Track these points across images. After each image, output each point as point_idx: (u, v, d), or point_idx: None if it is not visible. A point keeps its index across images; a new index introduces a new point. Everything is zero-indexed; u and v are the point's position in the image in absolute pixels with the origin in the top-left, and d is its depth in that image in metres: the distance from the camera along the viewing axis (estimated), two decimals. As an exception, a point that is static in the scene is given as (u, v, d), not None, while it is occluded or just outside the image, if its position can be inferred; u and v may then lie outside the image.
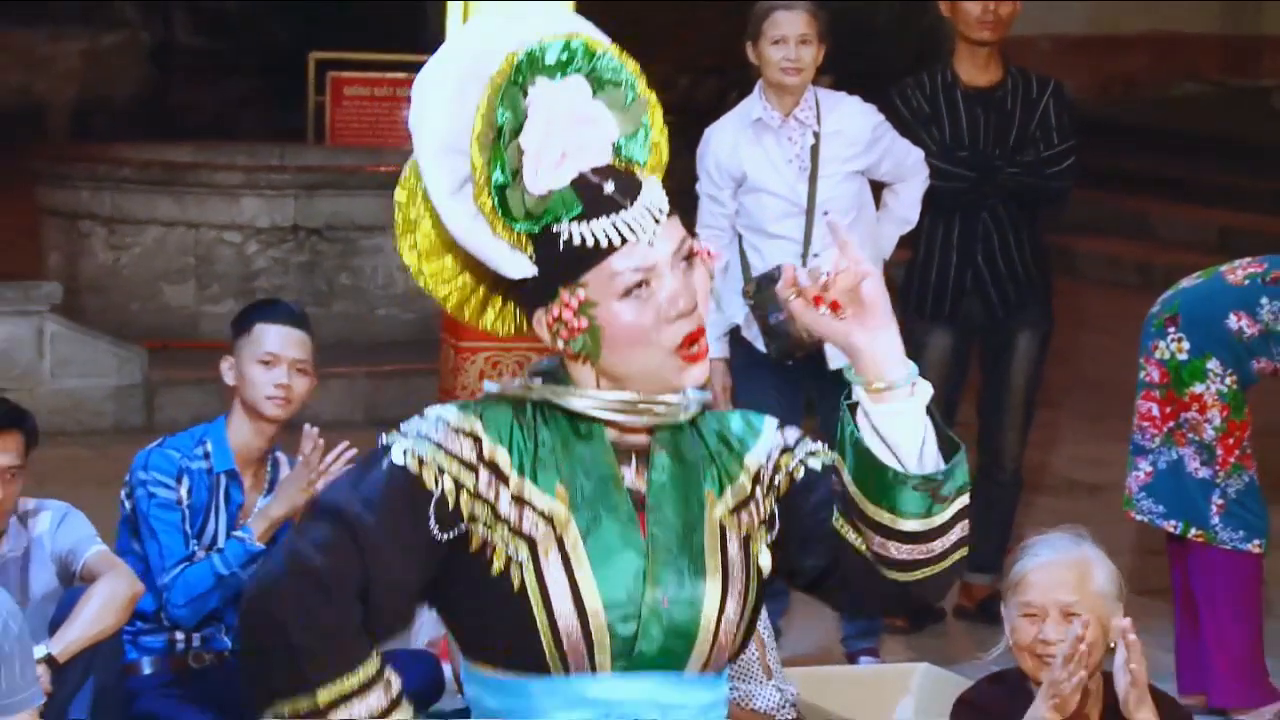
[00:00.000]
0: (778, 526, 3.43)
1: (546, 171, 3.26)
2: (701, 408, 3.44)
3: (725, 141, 8.30)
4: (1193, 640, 7.87)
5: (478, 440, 3.33)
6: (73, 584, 7.01)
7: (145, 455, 7.32)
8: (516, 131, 3.28)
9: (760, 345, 8.19)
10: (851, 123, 8.22)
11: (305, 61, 15.57)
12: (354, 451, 7.14)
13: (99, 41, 21.70)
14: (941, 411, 9.22)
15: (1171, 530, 7.85)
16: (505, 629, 3.28)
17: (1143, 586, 7.18)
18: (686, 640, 3.28)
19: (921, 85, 8.67)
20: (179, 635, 7.33)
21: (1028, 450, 9.19)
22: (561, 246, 3.31)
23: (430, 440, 3.32)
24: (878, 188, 8.48)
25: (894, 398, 3.40)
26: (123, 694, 7.05)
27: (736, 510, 3.38)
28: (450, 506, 3.30)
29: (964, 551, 3.48)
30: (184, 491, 7.24)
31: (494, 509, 3.29)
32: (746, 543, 3.36)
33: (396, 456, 3.32)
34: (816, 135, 8.19)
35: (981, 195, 8.50)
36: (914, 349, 8.73)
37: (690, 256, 3.34)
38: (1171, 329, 7.94)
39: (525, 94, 3.28)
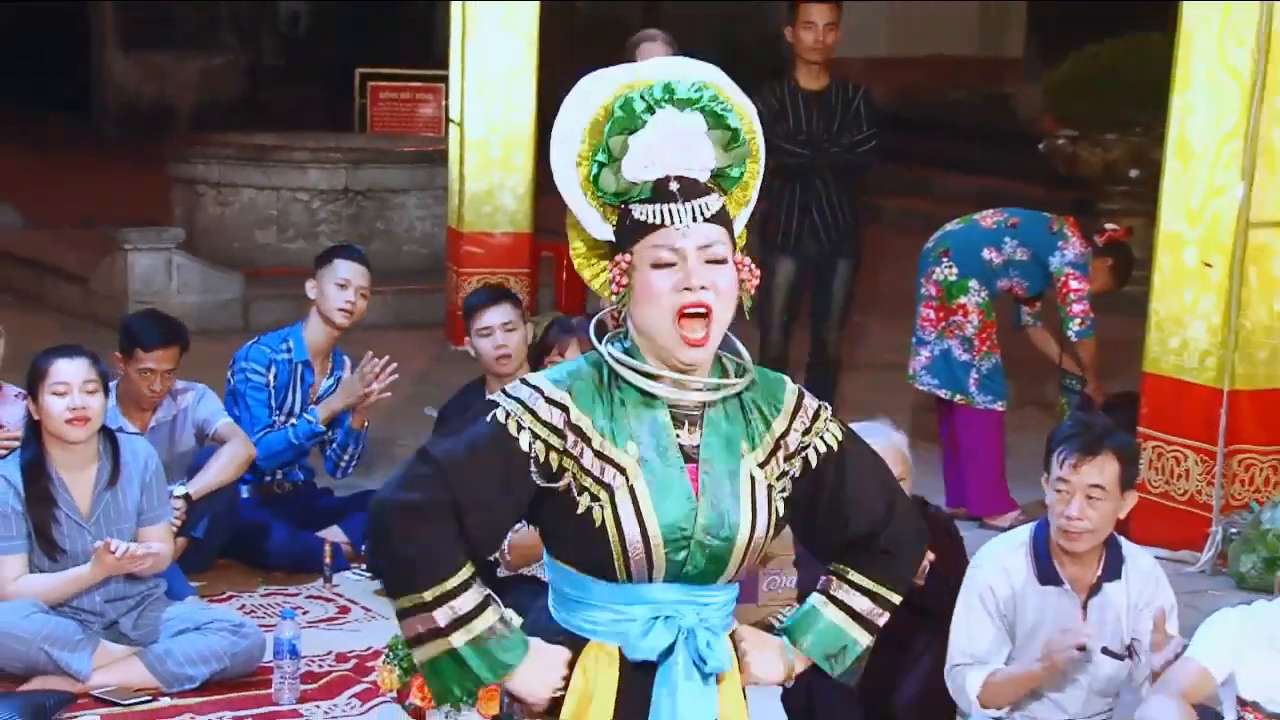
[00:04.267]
0: (797, 490, 3.25)
1: (640, 168, 3.11)
2: (741, 388, 3.23)
3: None
4: (955, 471, 7.94)
5: (566, 409, 3.12)
6: (205, 443, 7.05)
7: (247, 348, 7.40)
8: (630, 130, 3.11)
9: None
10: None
11: (353, 74, 15.48)
12: (394, 365, 7.37)
13: (210, 62, 21.52)
14: (788, 315, 9.24)
15: (943, 396, 7.94)
16: (585, 549, 3.12)
17: (919, 435, 7.18)
18: (720, 563, 3.15)
19: (773, 90, 8.58)
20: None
21: (844, 343, 9.18)
22: (628, 220, 3.13)
23: (526, 407, 3.12)
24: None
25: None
26: (231, 517, 7.05)
27: (764, 464, 3.19)
28: (541, 461, 3.11)
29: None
30: (270, 376, 7.34)
31: (579, 463, 3.10)
32: (769, 490, 3.19)
33: (499, 416, 3.12)
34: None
35: (814, 167, 8.46)
36: (768, 273, 8.74)
37: (721, 262, 3.13)
38: (945, 259, 8.04)
39: (652, 110, 3.10)
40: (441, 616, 3.11)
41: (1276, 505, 6.64)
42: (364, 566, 7.06)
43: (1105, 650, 4.98)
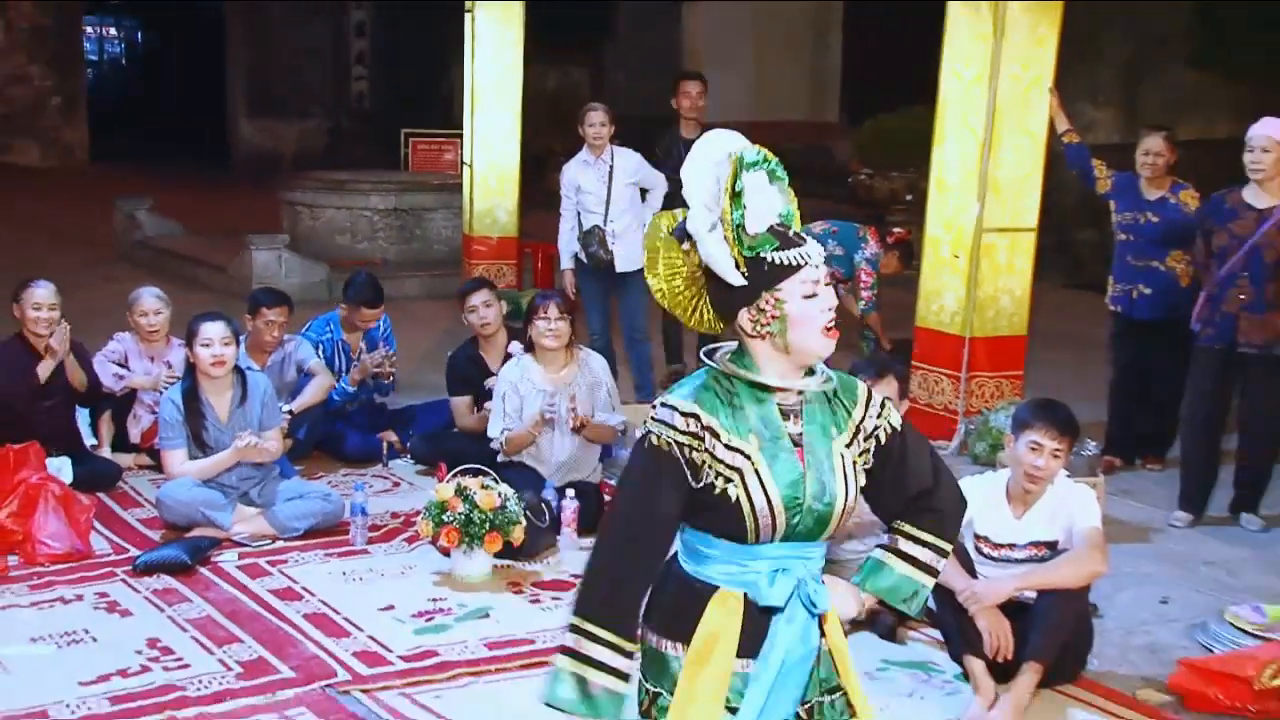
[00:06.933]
0: (873, 463, 2.81)
1: (756, 221, 2.68)
2: (828, 384, 2.79)
3: (572, 170, 8.09)
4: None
5: (697, 417, 2.66)
6: (301, 375, 7.08)
7: (301, 335, 7.30)
8: (740, 195, 2.70)
9: (585, 261, 8.04)
10: (628, 160, 8.08)
11: (399, 133, 15.43)
12: (387, 352, 7.30)
13: (306, 125, 21.40)
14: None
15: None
16: (723, 520, 2.70)
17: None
18: (823, 524, 2.74)
19: (663, 141, 8.50)
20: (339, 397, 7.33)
21: None
22: (766, 266, 2.66)
23: (668, 425, 2.67)
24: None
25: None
26: (320, 426, 7.09)
27: (849, 445, 2.80)
28: (689, 463, 2.66)
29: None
30: (319, 352, 7.26)
31: (713, 455, 2.66)
32: (854, 465, 2.80)
33: (650, 441, 2.68)
34: (611, 167, 8.01)
35: None
36: None
37: (829, 284, 2.77)
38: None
39: (740, 176, 2.71)
40: (586, 647, 2.68)
41: (998, 411, 6.72)
42: (409, 457, 7.09)
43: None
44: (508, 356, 6.61)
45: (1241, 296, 6.21)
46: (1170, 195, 6.98)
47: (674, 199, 8.43)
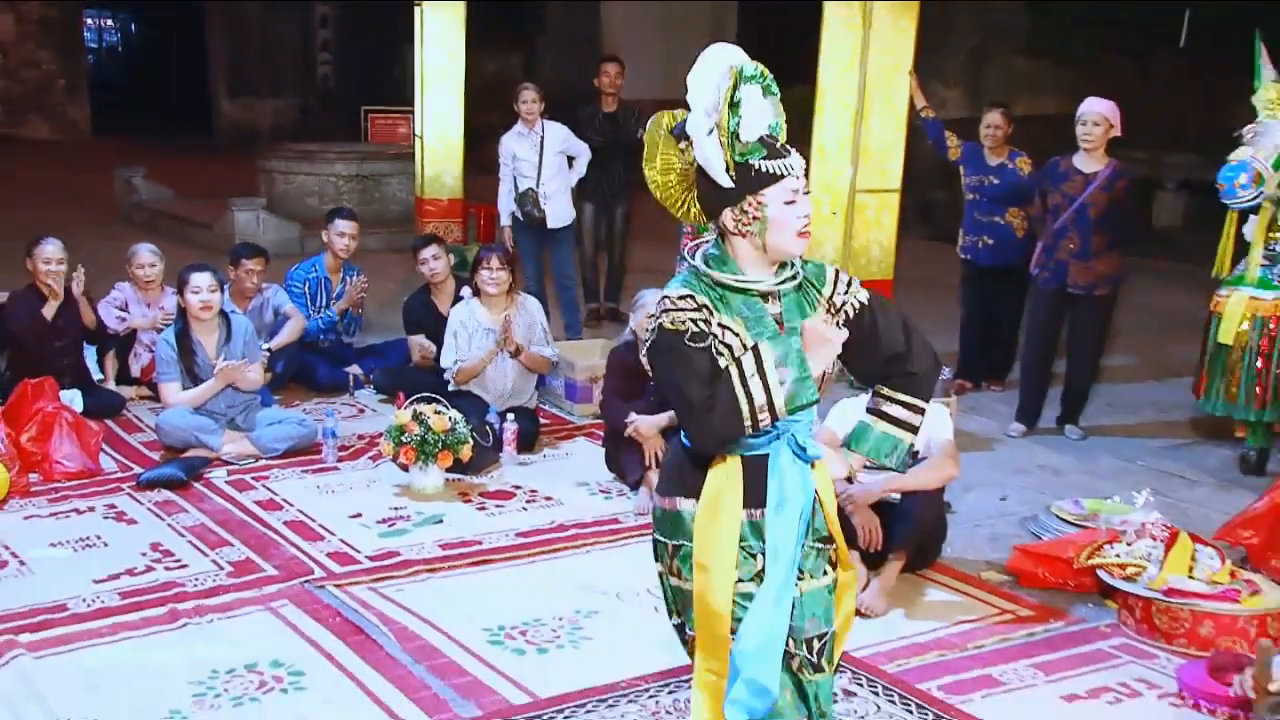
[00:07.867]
0: (847, 334, 2.62)
1: (749, 130, 2.49)
2: (801, 275, 2.65)
3: (508, 141, 7.99)
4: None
5: (693, 298, 2.52)
6: (277, 318, 6.94)
7: (290, 273, 7.25)
8: (737, 106, 2.48)
9: (521, 219, 7.94)
10: (557, 132, 8.02)
11: (359, 109, 15.15)
12: (367, 281, 7.22)
13: (280, 103, 20.93)
14: (594, 238, 8.93)
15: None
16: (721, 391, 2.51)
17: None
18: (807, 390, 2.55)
19: (586, 113, 8.37)
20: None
21: (626, 257, 8.85)
22: (753, 172, 2.50)
23: (672, 311, 2.51)
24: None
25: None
26: (295, 360, 6.96)
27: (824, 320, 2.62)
28: (698, 335, 2.49)
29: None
30: (305, 288, 7.18)
31: (711, 329, 2.51)
32: None
33: (665, 323, 2.52)
34: (542, 138, 7.92)
35: (609, 152, 8.25)
36: (580, 211, 8.53)
37: (806, 192, 2.57)
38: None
39: (739, 88, 2.49)
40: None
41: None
42: (372, 388, 7.02)
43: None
44: (458, 299, 6.57)
45: (1071, 246, 6.30)
46: (1009, 161, 7.09)
47: (595, 164, 8.38)
